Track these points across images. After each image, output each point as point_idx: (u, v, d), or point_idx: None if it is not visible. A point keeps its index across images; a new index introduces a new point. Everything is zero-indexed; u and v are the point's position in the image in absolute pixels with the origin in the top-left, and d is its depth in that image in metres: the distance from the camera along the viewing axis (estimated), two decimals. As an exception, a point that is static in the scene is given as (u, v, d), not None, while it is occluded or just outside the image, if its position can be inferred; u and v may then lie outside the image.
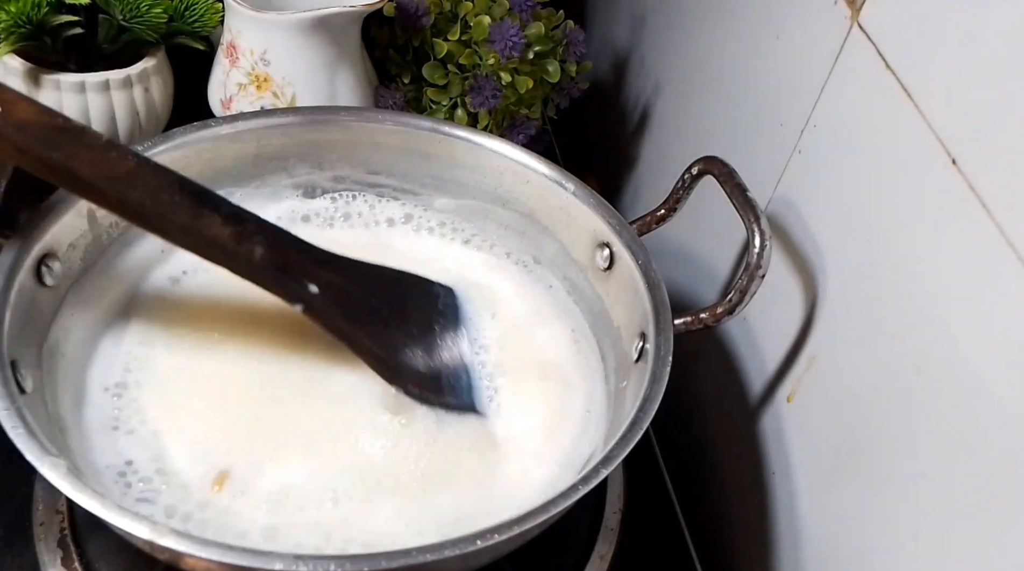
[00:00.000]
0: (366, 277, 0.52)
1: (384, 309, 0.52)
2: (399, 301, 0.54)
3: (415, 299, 0.55)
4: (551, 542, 0.47)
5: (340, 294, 0.50)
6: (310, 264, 0.49)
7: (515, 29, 0.65)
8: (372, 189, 0.61)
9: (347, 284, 0.51)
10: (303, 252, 0.49)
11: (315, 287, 0.48)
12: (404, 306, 0.54)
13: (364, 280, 0.52)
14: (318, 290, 0.48)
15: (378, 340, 0.51)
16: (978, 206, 0.40)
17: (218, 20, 0.66)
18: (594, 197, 0.56)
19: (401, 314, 0.53)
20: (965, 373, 0.41)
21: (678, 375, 0.48)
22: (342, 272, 0.51)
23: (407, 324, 0.53)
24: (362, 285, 0.52)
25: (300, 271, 0.48)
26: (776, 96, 0.58)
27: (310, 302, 0.48)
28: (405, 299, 0.54)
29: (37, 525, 0.50)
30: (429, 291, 0.56)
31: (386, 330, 0.52)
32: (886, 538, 0.46)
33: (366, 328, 0.50)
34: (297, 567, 0.37)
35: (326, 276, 0.49)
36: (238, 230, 0.46)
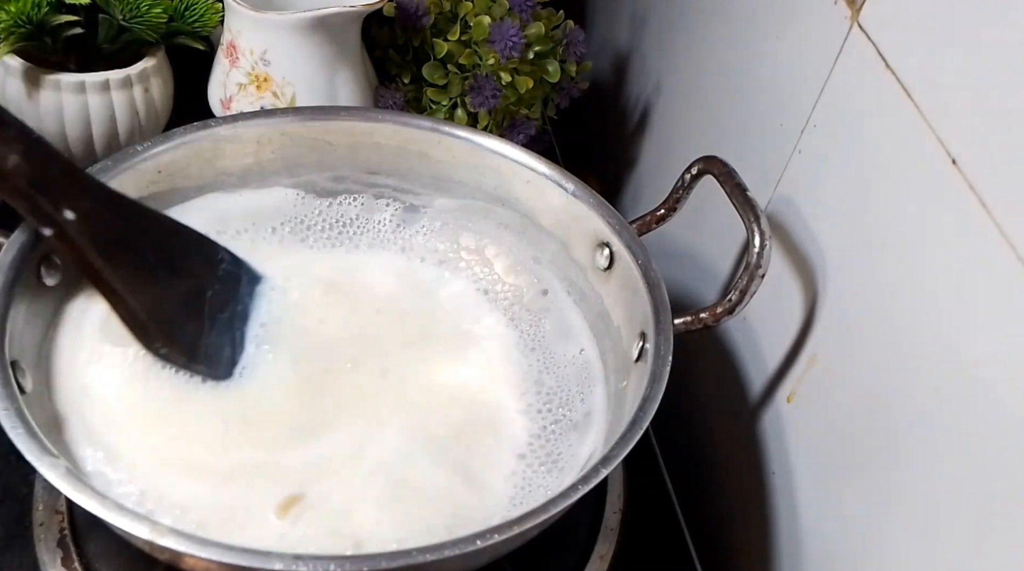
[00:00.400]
0: (140, 219, 0.50)
1: (151, 258, 0.50)
2: (172, 255, 0.51)
3: (192, 257, 0.53)
4: (551, 542, 0.47)
5: (101, 229, 0.46)
6: (71, 187, 0.46)
7: (515, 29, 0.65)
8: (372, 189, 0.61)
9: (115, 221, 0.48)
10: (68, 173, 0.46)
11: (72, 213, 0.45)
12: (176, 261, 0.51)
13: (136, 220, 0.49)
14: (75, 217, 0.45)
15: (132, 285, 0.48)
16: (978, 206, 0.40)
17: (218, 20, 0.66)
18: (594, 197, 0.56)
19: (170, 268, 0.51)
20: (965, 373, 0.41)
21: (678, 375, 0.48)
22: (112, 207, 0.48)
23: (174, 280, 0.51)
24: (131, 224, 0.49)
25: (59, 192, 0.45)
26: (776, 96, 0.58)
27: (61, 229, 0.45)
28: (180, 254, 0.52)
29: (37, 525, 0.50)
30: (211, 253, 0.54)
31: (147, 281, 0.49)
32: (886, 538, 0.46)
33: (123, 272, 0.47)
34: (297, 567, 0.37)
35: (90, 206, 0.46)
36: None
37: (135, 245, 0.49)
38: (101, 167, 0.52)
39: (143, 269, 0.49)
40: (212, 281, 0.53)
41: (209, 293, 0.52)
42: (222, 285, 0.53)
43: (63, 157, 0.46)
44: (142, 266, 0.49)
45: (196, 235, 0.53)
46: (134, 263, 0.48)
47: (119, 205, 0.49)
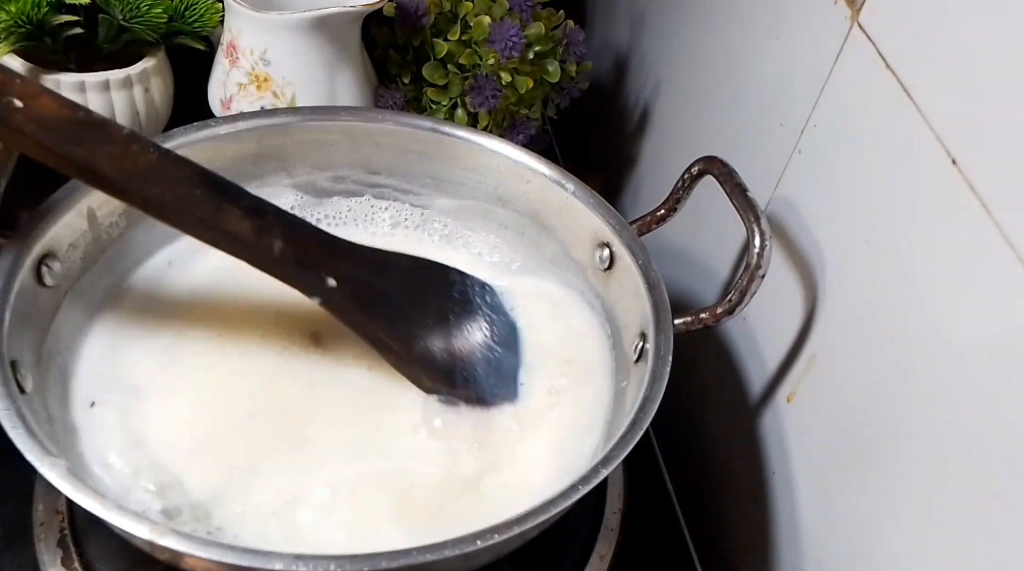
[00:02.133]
0: (383, 266, 0.52)
1: (400, 299, 0.52)
2: (415, 289, 0.53)
3: (431, 286, 0.55)
4: (551, 542, 0.47)
5: (357, 286, 0.50)
6: (328, 256, 0.49)
7: (515, 29, 0.65)
8: (372, 189, 0.61)
9: (364, 275, 0.50)
10: (322, 244, 0.50)
11: (333, 280, 0.48)
12: (419, 294, 0.53)
13: (380, 269, 0.52)
14: (336, 283, 0.48)
15: (393, 332, 0.51)
16: (978, 206, 0.40)
17: (218, 20, 0.66)
18: (594, 197, 0.56)
19: (416, 303, 0.53)
20: (965, 373, 0.41)
21: (678, 375, 0.48)
22: (359, 262, 0.51)
23: (423, 314, 0.53)
24: (378, 274, 0.51)
25: (318, 264, 0.48)
26: (776, 96, 0.58)
27: (328, 296, 0.48)
28: (421, 287, 0.54)
29: (37, 525, 0.50)
30: (444, 277, 0.56)
31: (401, 321, 0.51)
32: (886, 538, 0.46)
33: (381, 320, 0.50)
34: (297, 567, 0.37)
35: (344, 268, 0.49)
36: (258, 223, 0.46)
37: (383, 290, 0.51)
38: (101, 167, 0.52)
39: (394, 310, 0.51)
40: (451, 305, 0.55)
41: (451, 317, 0.54)
42: (461, 305, 0.55)
43: (313, 227, 0.50)
44: (393, 307, 0.51)
45: (427, 263, 0.55)
46: (387, 307, 0.51)
47: (365, 258, 0.51)
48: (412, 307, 0.53)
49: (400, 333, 0.51)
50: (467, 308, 0.55)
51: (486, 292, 0.57)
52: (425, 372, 0.51)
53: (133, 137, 0.44)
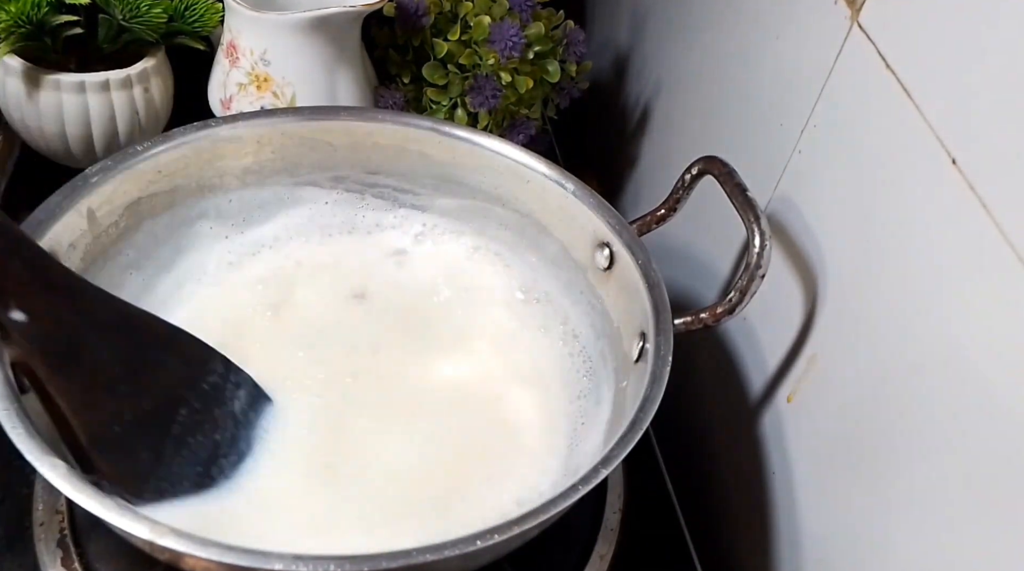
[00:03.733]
0: (111, 319, 0.43)
1: (115, 366, 0.43)
2: (148, 363, 0.44)
3: (171, 368, 0.45)
4: (551, 542, 0.47)
5: (58, 330, 0.40)
6: (33, 283, 0.40)
7: (515, 29, 0.65)
8: (372, 189, 0.61)
9: (75, 321, 0.41)
10: (30, 266, 0.40)
11: (21, 314, 0.39)
12: (149, 372, 0.44)
13: (105, 322, 0.43)
14: (25, 318, 0.39)
15: (81, 406, 0.41)
16: (978, 206, 0.40)
17: (218, 20, 0.66)
18: (594, 197, 0.56)
19: (137, 378, 0.43)
20: (965, 373, 0.41)
21: (678, 375, 0.48)
22: (78, 304, 0.42)
23: (137, 397, 0.43)
24: (99, 328, 0.42)
25: (10, 288, 0.39)
26: (776, 96, 0.58)
27: (6, 327, 0.39)
28: (156, 364, 0.44)
29: (37, 525, 0.50)
30: (198, 359, 0.46)
31: (101, 397, 0.42)
32: (886, 537, 0.46)
33: (73, 387, 0.41)
34: (297, 567, 0.37)
35: (49, 303, 0.40)
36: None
37: (98, 352, 0.42)
38: (101, 167, 0.52)
39: (100, 382, 0.42)
40: (191, 397, 0.45)
41: (183, 411, 0.45)
42: (204, 403, 0.46)
43: (30, 244, 0.40)
44: (100, 379, 0.42)
45: (186, 338, 0.46)
46: (89, 376, 0.42)
47: (91, 302, 0.42)
48: (129, 380, 0.43)
49: (90, 408, 0.41)
50: (210, 405, 0.46)
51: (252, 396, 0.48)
52: (104, 470, 0.42)
53: None
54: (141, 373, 0.44)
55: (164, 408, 0.45)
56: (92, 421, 0.42)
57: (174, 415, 0.45)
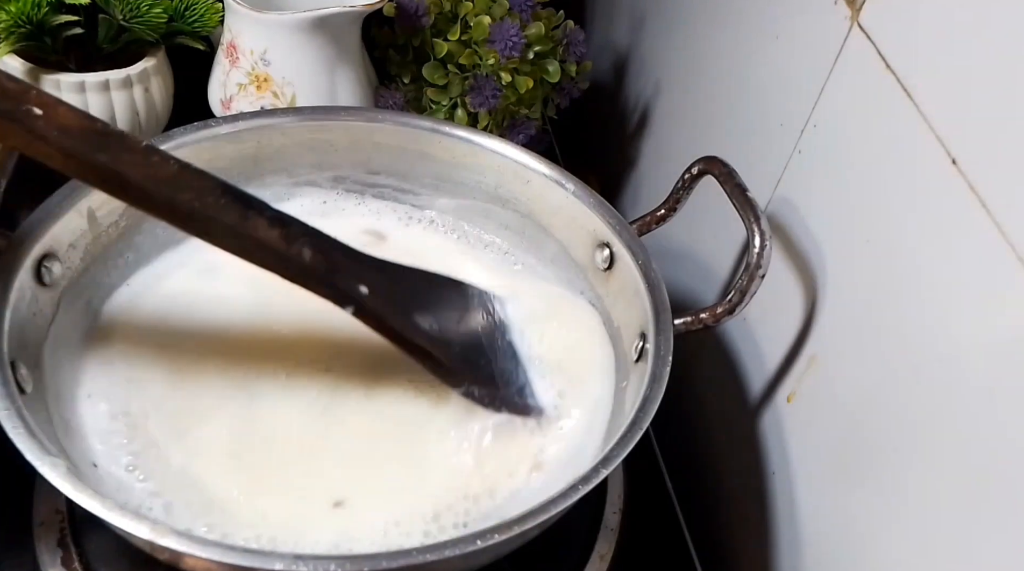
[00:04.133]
0: (407, 277, 0.52)
1: (430, 307, 0.52)
2: (439, 303, 0.53)
3: (451, 297, 0.54)
4: (551, 542, 0.47)
5: (387, 294, 0.49)
6: (356, 265, 0.49)
7: (515, 29, 0.65)
8: (372, 189, 0.61)
9: (391, 284, 0.50)
10: (347, 253, 0.49)
11: (365, 288, 0.48)
12: (445, 308, 0.53)
13: (406, 282, 0.51)
14: (368, 291, 0.48)
15: (428, 336, 0.50)
16: (978, 206, 0.40)
17: (218, 20, 0.66)
18: (594, 197, 0.56)
19: (445, 312, 0.53)
20: (965, 373, 0.41)
21: (678, 375, 0.48)
22: (384, 273, 0.50)
23: (452, 323, 0.52)
24: (405, 285, 0.51)
25: (349, 273, 0.48)
26: (776, 96, 0.58)
27: (362, 303, 0.47)
28: (444, 301, 0.53)
29: (37, 525, 0.50)
30: (462, 290, 0.55)
31: (435, 330, 0.51)
32: (886, 538, 0.46)
33: (416, 325, 0.50)
34: (297, 567, 0.37)
35: (372, 276, 0.49)
36: (285, 232, 0.45)
37: (416, 301, 0.51)
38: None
39: (428, 320, 0.51)
40: (477, 314, 0.54)
41: (479, 326, 0.54)
42: (484, 317, 0.55)
43: (338, 241, 0.48)
44: (428, 317, 0.51)
45: (447, 280, 0.54)
46: (421, 317, 0.50)
47: (390, 270, 0.51)
48: (440, 318, 0.52)
49: (435, 337, 0.50)
50: (489, 321, 0.55)
51: (502, 306, 0.56)
52: (469, 379, 0.51)
53: (152, 149, 0.44)
54: (442, 306, 0.53)
55: (470, 327, 0.54)
56: (443, 348, 0.50)
57: (478, 330, 0.54)
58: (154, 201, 0.44)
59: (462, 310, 0.54)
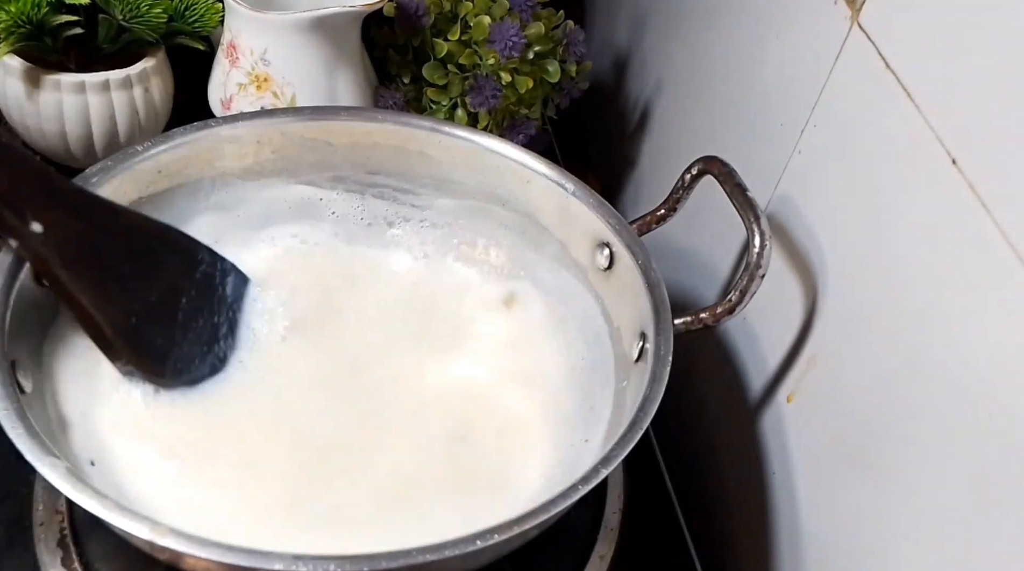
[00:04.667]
0: (114, 223, 0.47)
1: (123, 264, 0.47)
2: (146, 259, 0.48)
3: (168, 260, 0.50)
4: (551, 542, 0.47)
5: (69, 237, 0.44)
6: (42, 196, 0.43)
7: (515, 29, 0.65)
8: (372, 189, 0.61)
9: (84, 228, 0.45)
10: (40, 179, 0.44)
11: (39, 225, 0.42)
12: (151, 266, 0.49)
13: (112, 227, 0.47)
14: (41, 229, 0.43)
15: (99, 300, 0.45)
16: (978, 206, 0.40)
17: (218, 20, 0.66)
18: (594, 197, 0.56)
19: (143, 275, 0.48)
20: (965, 373, 0.41)
21: (678, 375, 0.48)
22: (82, 212, 0.45)
23: (146, 288, 0.48)
24: (104, 231, 0.46)
25: (26, 202, 0.42)
26: (776, 96, 0.58)
27: (27, 241, 0.43)
28: (155, 258, 0.49)
29: (37, 525, 0.50)
30: (190, 254, 0.51)
31: (116, 292, 0.46)
32: (886, 538, 0.46)
33: (90, 286, 0.45)
34: (297, 567, 0.37)
35: (59, 214, 0.44)
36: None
37: (106, 253, 0.46)
38: (101, 167, 0.51)
39: (112, 280, 0.47)
40: (189, 285, 0.50)
41: (184, 299, 0.50)
42: (199, 290, 0.51)
43: (34, 162, 0.44)
44: (111, 277, 0.47)
45: (176, 234, 0.51)
46: (103, 274, 0.46)
47: (92, 209, 0.46)
48: (136, 277, 0.48)
49: (108, 303, 0.46)
50: (206, 293, 0.51)
51: (236, 280, 0.53)
52: (127, 354, 0.47)
53: None
54: (145, 268, 0.48)
55: (168, 298, 0.49)
56: (113, 316, 0.46)
57: (177, 303, 0.49)
58: None
59: (171, 276, 0.49)
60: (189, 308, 0.50)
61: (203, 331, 0.51)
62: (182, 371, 0.50)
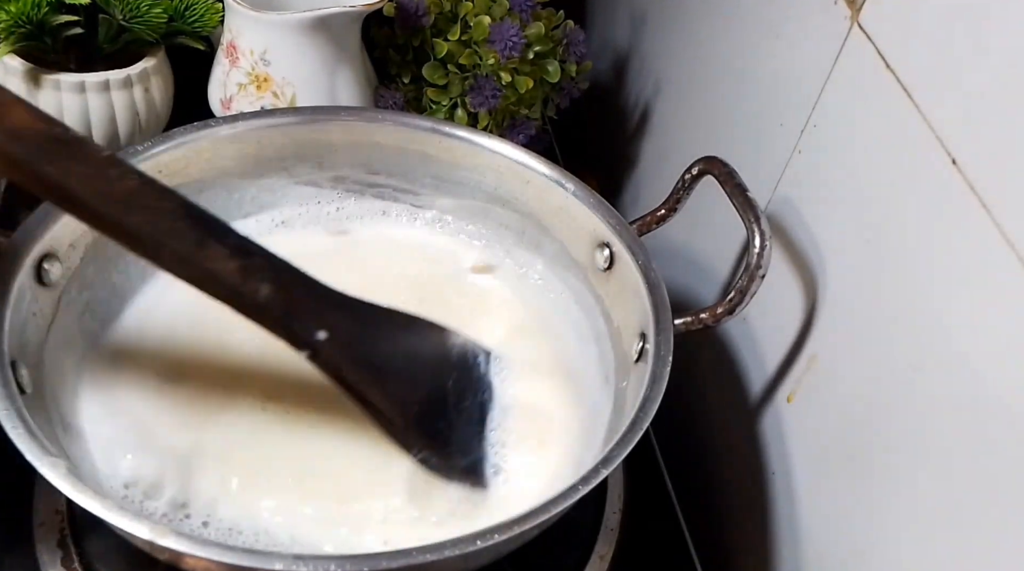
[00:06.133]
0: (379, 321, 0.48)
1: (396, 359, 0.48)
2: (412, 351, 0.49)
3: (427, 347, 0.50)
4: (551, 542, 0.47)
5: (349, 340, 0.45)
6: (319, 306, 0.45)
7: (515, 29, 0.65)
8: (372, 189, 0.61)
9: (357, 329, 0.46)
10: (312, 292, 0.45)
11: (324, 333, 0.44)
12: (416, 357, 0.49)
13: (376, 325, 0.48)
14: (326, 336, 0.44)
15: (387, 394, 0.46)
16: (978, 206, 0.40)
17: (218, 20, 0.66)
18: (594, 197, 0.56)
19: (413, 366, 0.49)
20: (965, 373, 0.41)
21: (678, 375, 0.48)
22: (353, 315, 0.46)
23: (418, 378, 0.49)
24: (374, 330, 0.47)
25: (308, 314, 0.44)
26: (776, 96, 0.58)
27: (317, 349, 0.44)
28: (417, 347, 0.50)
29: (37, 525, 0.50)
30: (443, 339, 0.52)
31: (396, 383, 0.47)
32: (886, 538, 0.46)
33: (375, 380, 0.46)
34: (297, 567, 0.37)
35: (335, 319, 0.45)
36: (244, 265, 0.42)
37: (379, 348, 0.47)
38: (101, 167, 0.51)
39: (389, 370, 0.47)
40: (449, 369, 0.51)
41: (450, 382, 0.50)
42: (460, 371, 0.51)
43: (306, 275, 0.45)
44: (388, 368, 0.47)
45: (425, 324, 0.51)
46: (382, 367, 0.47)
47: (360, 311, 0.47)
48: (407, 369, 0.48)
49: (394, 395, 0.47)
50: (465, 375, 0.51)
51: (485, 360, 0.53)
52: (419, 442, 0.47)
53: (113, 161, 0.41)
54: (414, 358, 0.49)
55: (438, 383, 0.50)
56: (401, 407, 0.47)
57: (446, 387, 0.50)
58: (101, 219, 0.41)
59: (435, 361, 0.50)
60: (455, 390, 0.50)
61: (473, 410, 0.51)
62: (465, 452, 0.49)
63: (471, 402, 0.51)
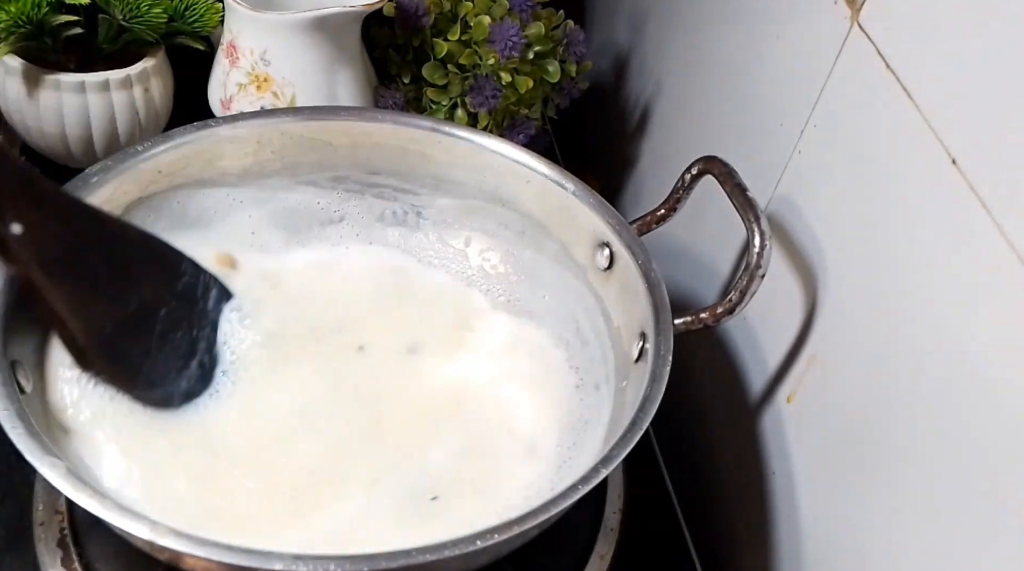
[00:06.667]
0: (94, 229, 0.46)
1: (102, 273, 0.46)
2: (126, 268, 0.47)
3: (149, 270, 0.49)
4: (551, 542, 0.47)
5: (50, 242, 0.43)
6: (25, 198, 0.42)
7: (515, 29, 0.65)
8: (372, 189, 0.61)
9: (67, 233, 0.44)
10: (23, 180, 0.42)
11: (19, 226, 0.41)
12: (131, 275, 0.48)
13: (94, 233, 0.46)
14: (21, 230, 0.41)
15: (75, 309, 0.45)
16: (978, 206, 0.40)
17: (218, 20, 0.66)
18: (594, 197, 0.56)
19: (121, 284, 0.47)
20: (965, 373, 0.41)
21: (678, 375, 0.48)
22: (64, 216, 0.44)
23: (124, 297, 0.47)
24: (89, 238, 0.45)
25: (7, 202, 0.41)
26: (776, 96, 0.58)
27: (4, 240, 0.42)
28: (136, 267, 0.48)
29: (37, 525, 0.50)
30: (172, 266, 0.50)
31: (92, 299, 0.45)
32: (886, 537, 0.46)
33: (66, 291, 0.44)
34: (297, 567, 0.37)
35: (40, 216, 0.42)
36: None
37: (86, 259, 0.45)
38: (101, 167, 0.52)
39: (89, 287, 0.46)
40: (168, 297, 0.49)
41: (163, 311, 0.49)
42: (180, 302, 0.50)
43: (17, 162, 0.43)
44: (89, 283, 0.45)
45: (159, 245, 0.50)
46: (81, 280, 0.45)
47: (75, 215, 0.45)
48: (115, 285, 0.46)
49: (83, 310, 0.45)
50: (187, 306, 0.50)
51: (217, 298, 0.52)
52: (99, 363, 0.46)
53: None
54: (125, 277, 0.47)
55: (147, 309, 0.48)
56: (87, 323, 0.45)
57: (156, 315, 0.48)
58: None
59: (152, 286, 0.49)
60: (168, 320, 0.49)
61: (181, 344, 0.50)
62: (155, 384, 0.48)
63: (183, 336, 0.49)
